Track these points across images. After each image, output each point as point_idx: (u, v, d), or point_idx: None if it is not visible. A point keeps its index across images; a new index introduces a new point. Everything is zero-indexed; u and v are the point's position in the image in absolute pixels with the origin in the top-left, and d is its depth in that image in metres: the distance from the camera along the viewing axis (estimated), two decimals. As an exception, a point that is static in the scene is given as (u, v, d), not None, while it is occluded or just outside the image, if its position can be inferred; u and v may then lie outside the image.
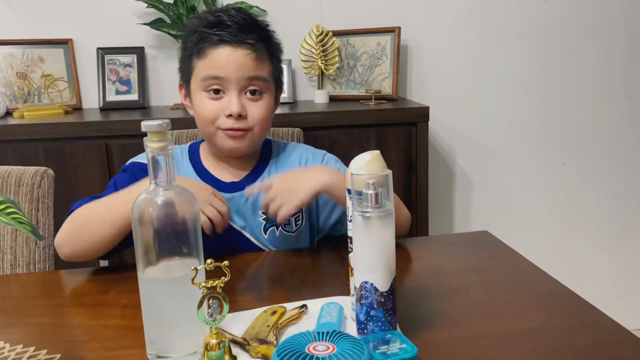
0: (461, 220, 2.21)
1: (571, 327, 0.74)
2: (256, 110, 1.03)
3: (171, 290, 0.68)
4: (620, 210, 2.28)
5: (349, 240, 0.76)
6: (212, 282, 0.65)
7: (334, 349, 0.61)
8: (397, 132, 1.72)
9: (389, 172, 0.68)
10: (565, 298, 0.82)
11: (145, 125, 0.66)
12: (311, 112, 1.77)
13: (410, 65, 2.07)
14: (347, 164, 1.17)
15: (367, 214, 0.67)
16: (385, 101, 1.88)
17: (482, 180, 2.19)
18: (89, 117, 1.77)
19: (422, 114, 1.72)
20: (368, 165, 0.73)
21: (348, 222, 0.76)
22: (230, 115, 1.00)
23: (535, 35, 2.11)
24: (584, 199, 2.25)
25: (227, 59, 1.00)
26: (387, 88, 1.93)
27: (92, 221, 0.94)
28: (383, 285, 0.68)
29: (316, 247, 1.09)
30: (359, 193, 0.69)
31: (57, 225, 1.26)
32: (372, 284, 0.68)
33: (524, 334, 0.72)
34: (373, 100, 1.87)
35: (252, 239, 1.08)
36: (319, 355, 0.60)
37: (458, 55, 2.09)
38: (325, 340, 0.64)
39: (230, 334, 0.72)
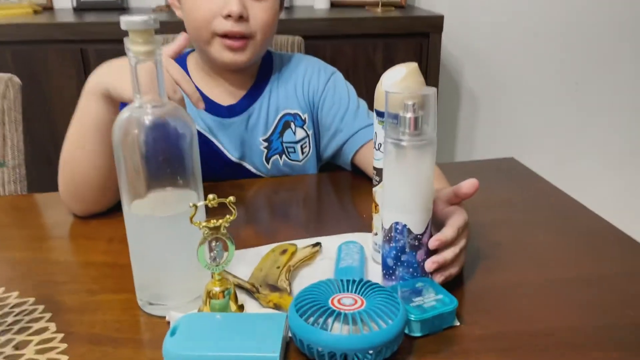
0: (465, 142, 2.10)
1: (625, 274, 0.64)
2: (259, 12, 0.87)
3: (165, 229, 0.56)
4: (637, 131, 2.18)
5: (374, 172, 0.65)
6: (214, 221, 0.54)
7: (362, 304, 0.51)
8: (407, 43, 1.56)
9: (433, 90, 0.55)
10: (613, 239, 0.73)
11: (126, 21, 0.51)
12: (310, 18, 1.59)
13: (421, -32, 1.86)
14: (352, 80, 1.04)
15: (403, 142, 0.55)
16: (393, 8, 1.70)
17: (490, 99, 2.05)
18: (62, 17, 1.58)
19: (436, 23, 1.56)
20: (404, 81, 0.60)
21: (375, 150, 0.63)
22: (228, 16, 0.84)
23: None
24: (597, 119, 2.14)
25: None
26: (395, -7, 1.74)
27: (75, 161, 0.74)
28: (418, 227, 0.57)
29: (326, 174, 0.97)
30: (394, 116, 0.56)
31: (28, 142, 1.12)
32: (404, 225, 0.57)
33: (571, 283, 0.63)
34: (380, 7, 1.68)
35: (253, 170, 0.96)
36: (346, 312, 0.50)
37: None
38: (351, 292, 0.54)
39: (235, 277, 0.62)
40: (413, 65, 0.60)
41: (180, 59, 0.98)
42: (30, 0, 1.68)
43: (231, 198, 0.54)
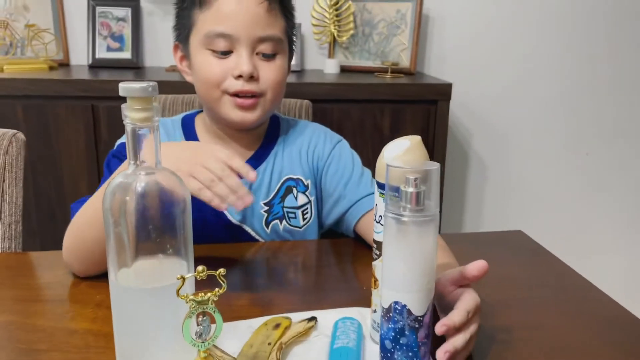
0: (473, 210, 2.07)
1: (641, 366, 0.60)
2: (269, 72, 0.88)
3: (150, 301, 0.53)
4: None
5: (374, 245, 0.62)
6: (202, 294, 0.51)
7: (356, 393, 0.48)
8: (415, 110, 1.56)
9: (437, 165, 0.53)
10: (627, 326, 0.68)
11: (124, 88, 0.51)
12: (320, 82, 1.61)
13: (431, 37, 1.90)
14: (357, 143, 1.03)
15: (404, 218, 0.53)
16: (402, 75, 1.72)
17: (499, 168, 2.04)
18: (76, 74, 1.61)
19: (444, 91, 1.57)
20: (407, 154, 0.58)
21: (375, 222, 0.61)
22: (239, 76, 0.86)
23: (563, 11, 1.94)
24: (607, 190, 2.11)
25: (235, 9, 0.85)
26: (405, 60, 1.76)
27: (90, 226, 0.73)
28: (418, 308, 0.54)
29: (327, 241, 0.95)
30: (395, 189, 0.54)
31: (32, 196, 1.11)
32: (404, 306, 0.54)
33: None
34: (389, 74, 1.70)
35: (252, 234, 0.93)
36: (337, 402, 0.46)
37: (482, 29, 1.92)
38: (344, 377, 0.50)
39: (223, 354, 0.58)
40: (417, 139, 0.59)
41: (189, 120, 0.98)
42: (46, 56, 1.72)
43: (221, 270, 0.52)
